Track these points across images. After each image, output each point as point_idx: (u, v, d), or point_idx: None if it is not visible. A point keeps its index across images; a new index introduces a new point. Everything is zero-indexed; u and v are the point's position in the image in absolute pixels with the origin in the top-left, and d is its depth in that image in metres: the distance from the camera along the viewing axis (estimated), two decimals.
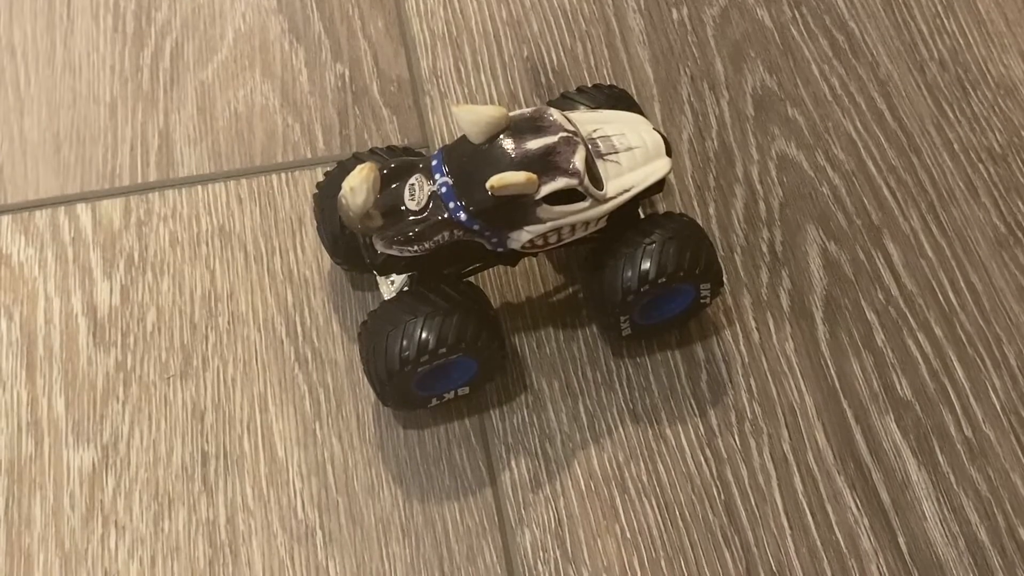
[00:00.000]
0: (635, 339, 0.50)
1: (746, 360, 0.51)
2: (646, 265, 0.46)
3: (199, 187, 0.55)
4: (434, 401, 0.48)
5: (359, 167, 0.42)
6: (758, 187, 0.55)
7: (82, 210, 0.54)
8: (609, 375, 0.50)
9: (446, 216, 0.44)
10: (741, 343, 0.51)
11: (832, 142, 0.56)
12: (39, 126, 0.56)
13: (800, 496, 0.47)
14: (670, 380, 0.50)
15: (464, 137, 0.45)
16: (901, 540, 0.46)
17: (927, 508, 0.47)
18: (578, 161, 0.44)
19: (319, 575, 0.45)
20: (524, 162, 0.43)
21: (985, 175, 0.55)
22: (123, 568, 0.46)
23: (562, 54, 0.59)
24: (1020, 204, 0.55)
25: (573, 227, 0.46)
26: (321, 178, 0.50)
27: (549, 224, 0.45)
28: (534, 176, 0.43)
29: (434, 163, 0.45)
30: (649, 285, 0.46)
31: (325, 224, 0.49)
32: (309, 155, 0.56)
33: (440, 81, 0.58)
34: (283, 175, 0.55)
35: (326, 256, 0.53)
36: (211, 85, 0.58)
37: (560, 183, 0.44)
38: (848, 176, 0.55)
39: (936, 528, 0.47)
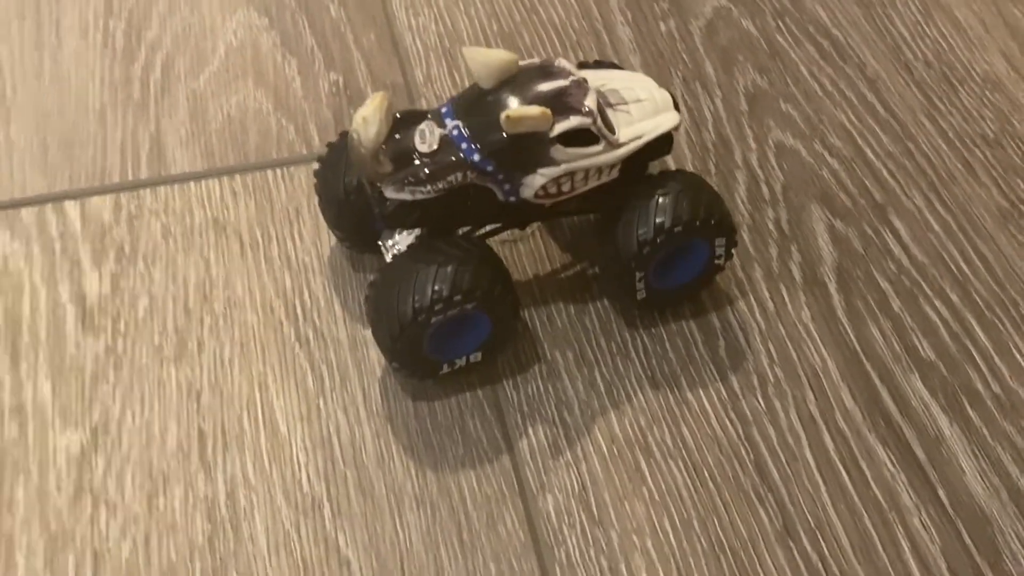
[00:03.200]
0: (649, 306, 0.49)
1: (763, 328, 0.49)
2: (661, 216, 0.45)
3: (192, 183, 0.53)
4: (445, 367, 0.46)
5: (371, 97, 0.41)
6: (758, 171, 0.55)
7: (71, 207, 0.52)
8: (624, 345, 0.48)
9: (460, 156, 0.43)
10: (756, 312, 0.50)
11: (828, 132, 0.57)
12: (26, 132, 0.55)
13: (832, 454, 0.45)
14: (687, 348, 0.48)
15: (473, 85, 0.44)
16: (942, 493, 0.44)
17: (964, 463, 0.45)
18: (590, 102, 0.44)
19: (328, 547, 0.42)
20: (536, 102, 0.43)
21: (982, 158, 0.56)
22: (114, 547, 0.42)
23: None
24: (1020, 183, 0.55)
25: (586, 173, 0.45)
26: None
27: (563, 167, 0.44)
28: (548, 111, 0.43)
29: (444, 110, 0.44)
30: (665, 235, 0.45)
31: (328, 195, 0.48)
32: (305, 151, 0.55)
33: (435, 86, 0.58)
34: (279, 171, 0.54)
35: (325, 242, 0.51)
36: (203, 93, 0.57)
37: (574, 122, 0.43)
38: (847, 161, 0.55)
39: (976, 481, 0.44)
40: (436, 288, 0.43)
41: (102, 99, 0.57)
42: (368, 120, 0.41)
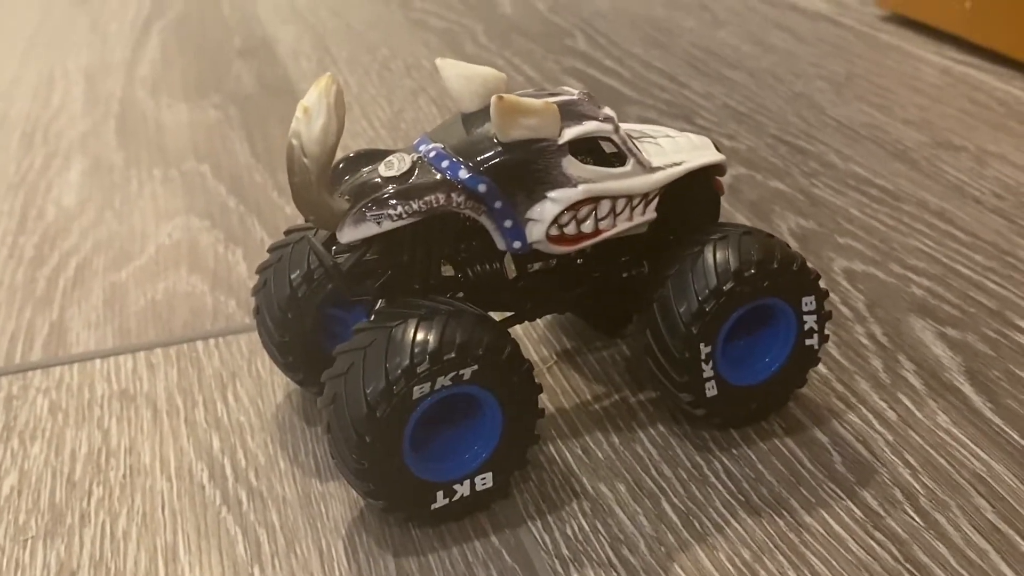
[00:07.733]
0: (723, 415, 0.34)
1: (889, 439, 0.35)
2: (724, 260, 0.33)
3: (97, 360, 0.41)
4: (440, 497, 0.31)
5: (317, 81, 0.30)
6: (833, 296, 0.43)
7: None
8: (698, 470, 0.34)
9: (442, 176, 0.31)
10: (875, 423, 0.35)
11: (904, 256, 0.45)
12: None
13: None
14: (789, 467, 0.34)
15: (454, 114, 0.34)
16: None
17: None
18: (608, 110, 0.33)
19: None
20: None
21: None
22: None
23: None
24: None
25: (613, 205, 0.33)
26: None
27: (581, 188, 0.32)
28: (554, 105, 0.32)
29: (416, 142, 0.33)
30: (733, 281, 0.32)
31: (270, 305, 0.35)
32: (248, 321, 0.43)
33: None
34: (212, 341, 0.41)
35: (269, 400, 0.38)
36: (123, 284, 0.46)
37: (589, 127, 0.32)
38: (939, 279, 0.43)
39: None
40: (420, 341, 0.29)
41: None
42: (311, 111, 0.30)
